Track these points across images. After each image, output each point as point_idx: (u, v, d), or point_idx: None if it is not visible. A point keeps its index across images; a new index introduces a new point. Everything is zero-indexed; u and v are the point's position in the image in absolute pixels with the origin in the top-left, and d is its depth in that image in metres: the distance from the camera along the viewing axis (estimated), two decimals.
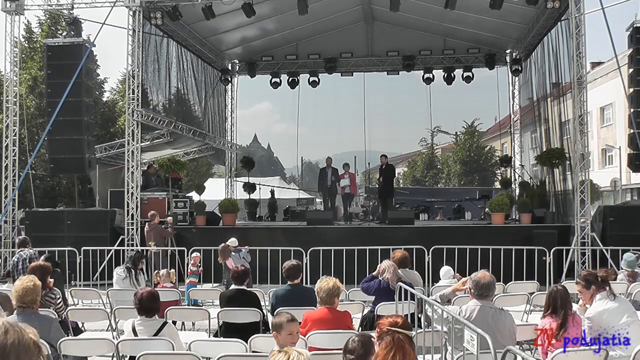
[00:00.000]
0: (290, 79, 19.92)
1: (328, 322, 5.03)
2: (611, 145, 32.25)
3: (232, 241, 10.24)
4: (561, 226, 13.00)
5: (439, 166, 49.17)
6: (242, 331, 5.52)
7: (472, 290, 4.77)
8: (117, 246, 12.37)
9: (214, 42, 18.46)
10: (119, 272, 8.28)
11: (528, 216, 13.75)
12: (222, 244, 9.82)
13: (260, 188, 21.13)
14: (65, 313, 6.30)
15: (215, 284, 10.83)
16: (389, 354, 3.17)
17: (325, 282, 5.17)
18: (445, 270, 7.90)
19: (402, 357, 3.17)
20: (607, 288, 5.14)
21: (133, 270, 8.06)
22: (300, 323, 4.31)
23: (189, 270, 10.28)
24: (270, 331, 4.29)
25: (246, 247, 10.55)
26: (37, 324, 4.77)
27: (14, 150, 14.16)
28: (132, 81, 13.35)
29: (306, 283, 9.16)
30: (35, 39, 25.72)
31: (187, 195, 16.42)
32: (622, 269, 7.92)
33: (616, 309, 4.94)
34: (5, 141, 14.18)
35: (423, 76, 19.31)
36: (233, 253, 10.07)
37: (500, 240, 11.42)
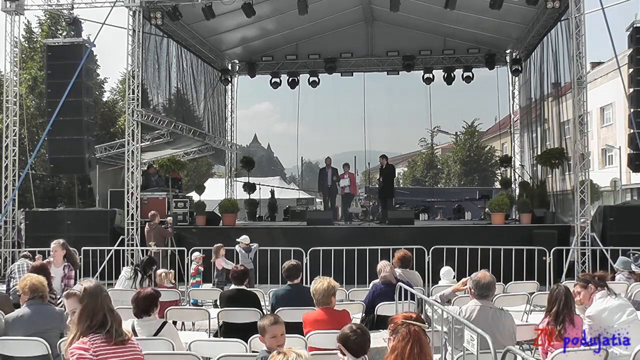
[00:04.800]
0: (290, 79, 19.92)
1: (325, 323, 5.01)
2: (611, 145, 32.24)
3: (244, 238, 10.33)
4: (561, 226, 12.99)
5: (439, 166, 49.15)
6: (242, 331, 5.51)
7: (472, 290, 4.77)
8: (117, 246, 12.36)
9: (214, 42, 18.46)
10: (127, 270, 8.24)
11: (528, 216, 13.75)
12: (216, 245, 9.91)
13: (260, 188, 21.12)
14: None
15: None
16: (407, 345, 3.16)
17: (320, 284, 5.14)
18: (446, 270, 7.90)
19: (420, 348, 3.17)
20: (606, 287, 5.14)
21: (140, 274, 7.90)
22: (284, 324, 4.25)
23: (192, 271, 10.31)
24: None
25: (256, 244, 10.65)
26: (48, 315, 4.85)
27: (14, 150, 14.17)
28: (132, 81, 13.35)
29: (306, 283, 9.14)
30: (35, 39, 25.75)
31: (187, 195, 16.44)
32: (619, 270, 7.95)
33: (616, 308, 4.93)
34: (5, 141, 14.19)
35: (423, 76, 19.31)
36: (243, 251, 10.12)
37: (500, 240, 11.40)
